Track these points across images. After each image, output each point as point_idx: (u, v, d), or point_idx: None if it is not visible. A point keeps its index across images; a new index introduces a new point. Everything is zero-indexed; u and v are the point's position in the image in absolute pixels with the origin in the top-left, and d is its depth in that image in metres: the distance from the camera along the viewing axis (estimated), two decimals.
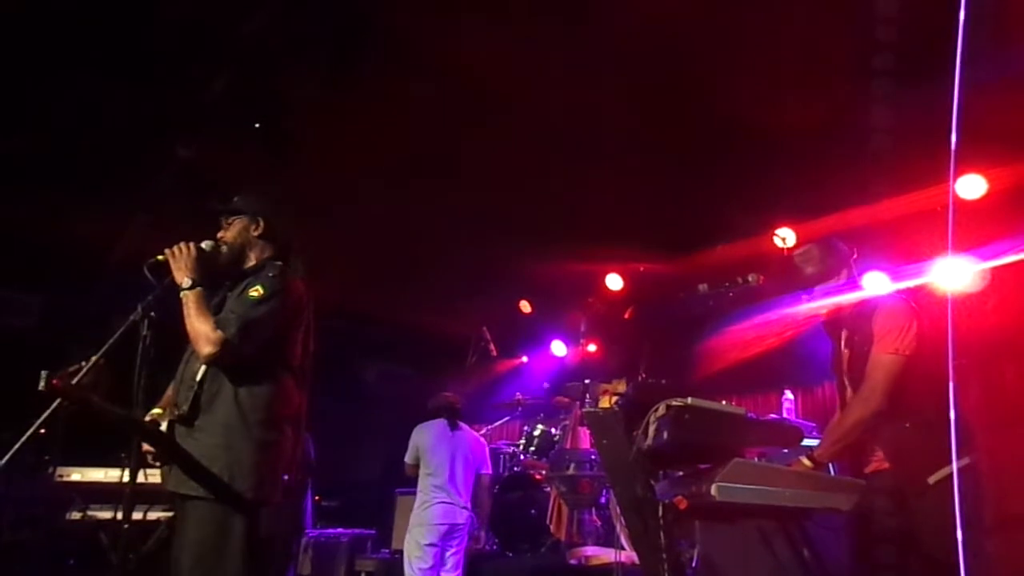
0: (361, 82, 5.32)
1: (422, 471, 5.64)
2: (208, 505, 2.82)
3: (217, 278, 3.10)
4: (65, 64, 5.13)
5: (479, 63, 4.98)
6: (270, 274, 3.03)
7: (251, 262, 3.15)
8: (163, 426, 3.00)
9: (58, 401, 2.88)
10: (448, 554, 5.57)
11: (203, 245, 3.07)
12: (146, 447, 3.01)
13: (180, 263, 2.95)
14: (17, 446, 2.99)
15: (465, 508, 5.65)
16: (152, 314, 2.85)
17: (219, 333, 2.85)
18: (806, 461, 2.81)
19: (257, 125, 5.65)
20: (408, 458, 5.68)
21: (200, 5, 4.85)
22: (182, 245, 2.99)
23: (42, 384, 2.75)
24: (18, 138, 5.68)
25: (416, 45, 5.13)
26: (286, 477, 3.11)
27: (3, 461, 3.01)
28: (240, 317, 2.89)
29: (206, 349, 2.86)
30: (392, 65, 5.24)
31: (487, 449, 6.07)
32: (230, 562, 2.80)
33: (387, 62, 5.23)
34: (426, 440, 5.73)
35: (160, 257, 3.02)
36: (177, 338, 3.02)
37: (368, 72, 5.26)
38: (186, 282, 2.93)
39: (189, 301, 2.91)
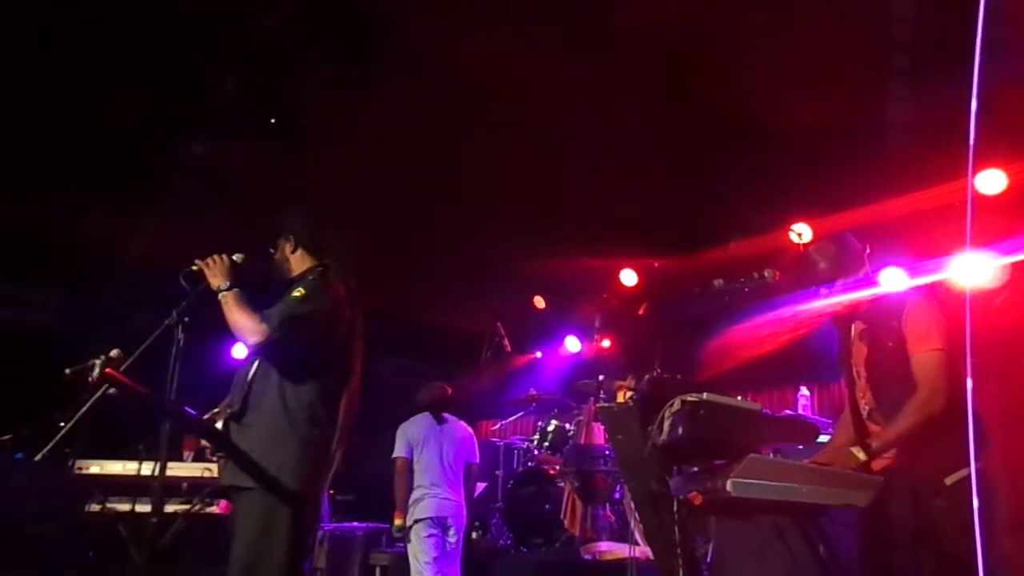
0: (373, 81, 5.34)
1: (415, 466, 5.63)
2: (258, 496, 3.03)
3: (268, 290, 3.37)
4: (82, 63, 5.17)
5: (491, 62, 4.99)
6: (310, 277, 3.29)
7: (293, 273, 3.40)
8: (219, 424, 3.23)
9: (105, 388, 3.05)
10: (447, 547, 5.57)
11: (235, 258, 3.27)
12: (204, 442, 3.19)
13: (215, 271, 3.18)
14: (67, 429, 3.10)
15: (458, 501, 5.65)
16: (186, 319, 3.06)
17: (263, 325, 3.07)
18: (860, 454, 2.79)
19: (272, 120, 5.68)
20: (401, 452, 5.64)
21: (213, 4, 4.88)
22: (216, 256, 3.21)
23: (96, 373, 3.01)
24: (36, 136, 5.74)
25: (426, 44, 5.14)
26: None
27: (47, 448, 3.16)
28: (282, 312, 3.12)
29: (252, 339, 3.09)
30: (404, 64, 5.26)
31: (475, 438, 6.07)
32: (277, 550, 2.99)
33: (399, 61, 5.25)
34: (414, 435, 5.69)
35: (195, 267, 3.23)
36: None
37: (379, 71, 5.28)
38: (223, 284, 3.16)
39: (228, 300, 3.14)
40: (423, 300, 7.42)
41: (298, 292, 3.18)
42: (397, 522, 5.57)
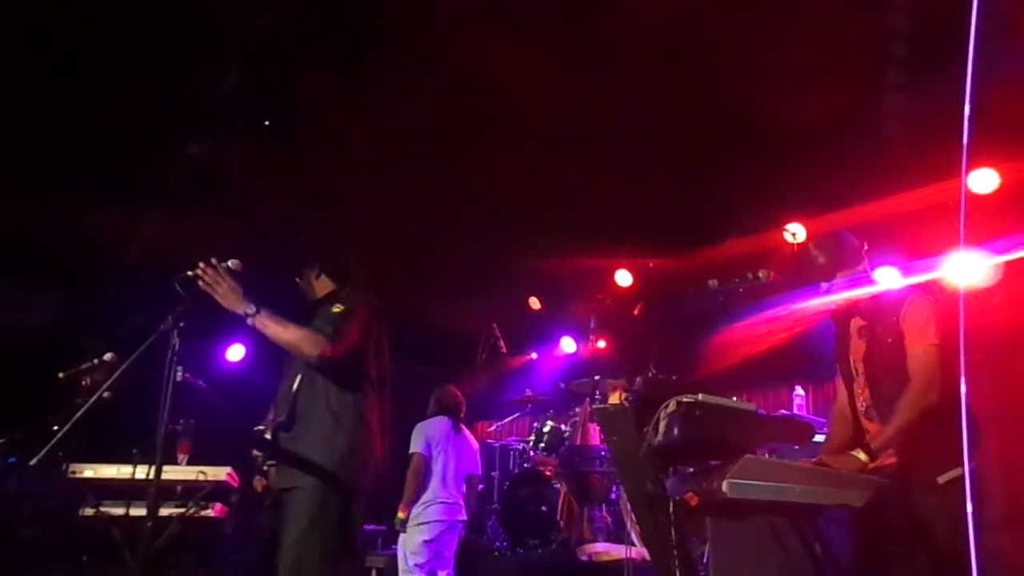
0: (369, 80, 5.33)
1: (432, 467, 5.65)
2: (311, 492, 3.25)
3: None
4: (79, 62, 5.16)
5: (488, 60, 4.99)
6: (344, 295, 3.52)
7: (318, 295, 3.63)
8: (268, 435, 3.43)
9: (99, 392, 3.24)
10: (443, 551, 5.59)
11: (229, 264, 3.30)
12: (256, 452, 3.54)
13: (227, 295, 3.24)
14: (61, 433, 3.12)
15: (462, 509, 5.68)
16: (181, 324, 3.10)
17: (321, 336, 3.27)
18: (862, 455, 2.79)
19: (267, 123, 5.67)
20: (420, 448, 5.67)
21: (212, 3, 4.87)
22: (214, 275, 3.22)
23: (179, 375, 3.15)
24: (31, 136, 5.72)
25: (422, 44, 5.13)
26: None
27: (41, 453, 3.17)
28: (331, 322, 3.34)
29: (314, 351, 3.27)
30: (400, 63, 5.25)
31: (479, 451, 6.14)
32: (329, 538, 3.25)
33: (396, 60, 5.24)
34: (434, 436, 5.73)
35: (190, 273, 3.25)
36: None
37: (376, 70, 5.27)
38: (249, 308, 3.25)
39: (264, 322, 3.28)
40: (418, 301, 7.41)
41: (337, 308, 3.40)
42: (401, 515, 5.59)
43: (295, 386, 3.41)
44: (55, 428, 3.41)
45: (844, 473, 2.73)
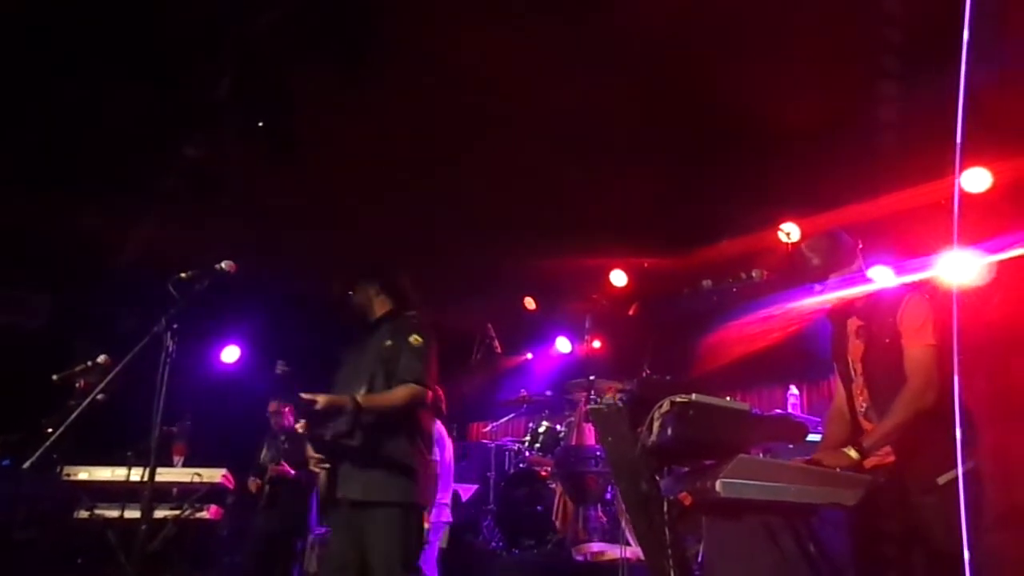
0: (365, 82, 5.32)
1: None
2: (393, 509, 3.41)
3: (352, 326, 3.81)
4: (72, 64, 5.14)
5: (484, 61, 4.99)
6: (415, 322, 3.67)
7: (375, 315, 3.76)
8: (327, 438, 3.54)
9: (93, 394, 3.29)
10: (429, 552, 5.56)
11: (223, 265, 3.41)
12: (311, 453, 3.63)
13: (330, 409, 3.40)
14: (55, 435, 3.13)
15: (448, 506, 5.67)
16: (175, 326, 3.18)
17: (417, 387, 3.48)
18: (852, 452, 2.79)
19: (261, 124, 5.67)
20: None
21: (209, 4, 4.87)
22: (308, 403, 3.37)
23: (280, 368, 3.25)
24: (25, 138, 5.70)
25: (420, 45, 5.13)
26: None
27: (35, 456, 3.18)
28: (419, 361, 3.54)
29: (424, 401, 3.51)
30: (398, 64, 5.25)
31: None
32: (411, 552, 3.47)
33: (393, 61, 5.24)
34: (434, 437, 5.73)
35: (183, 275, 3.31)
36: None
37: (373, 71, 5.27)
38: (352, 404, 3.39)
39: (371, 405, 3.43)
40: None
41: (416, 340, 3.57)
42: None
43: (363, 391, 3.50)
44: (49, 430, 3.41)
45: (837, 472, 2.73)
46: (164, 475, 5.27)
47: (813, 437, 3.71)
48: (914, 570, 2.71)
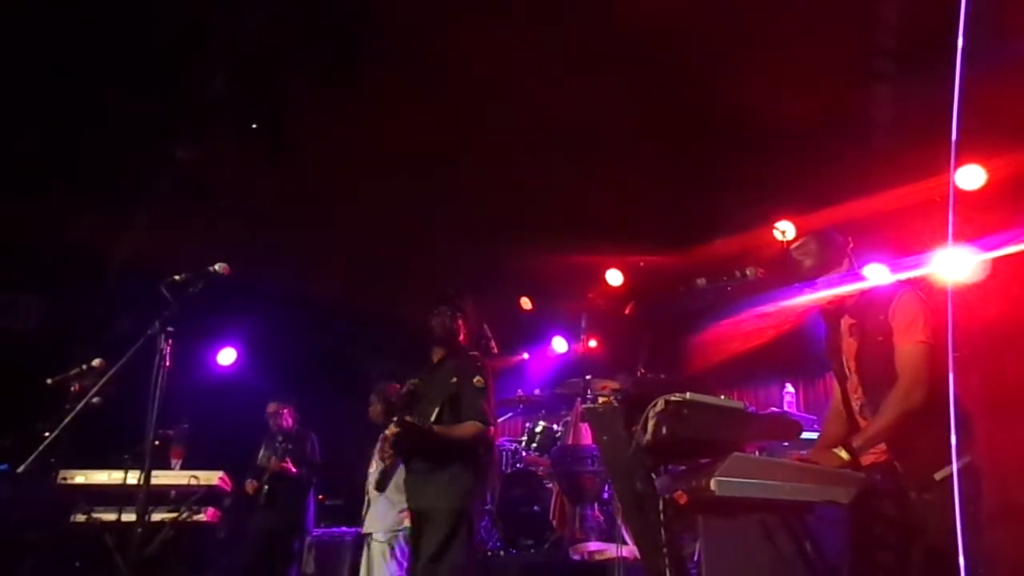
0: (360, 81, 5.32)
1: None
2: (446, 516, 3.91)
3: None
4: (66, 66, 5.14)
5: (478, 60, 4.99)
6: (478, 364, 4.18)
7: (450, 340, 4.27)
8: None
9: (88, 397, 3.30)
10: None
11: (217, 267, 3.41)
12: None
13: (406, 443, 4.02)
14: (51, 439, 3.15)
15: None
16: (169, 329, 3.18)
17: (482, 423, 4.00)
18: (843, 453, 2.79)
19: (255, 126, 5.66)
20: None
21: (199, 7, 4.86)
22: (393, 440, 4.00)
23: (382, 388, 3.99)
24: (20, 141, 5.69)
25: (415, 43, 5.13)
26: None
27: (31, 459, 3.16)
28: (484, 404, 4.05)
29: (488, 437, 4.09)
30: (391, 64, 5.25)
31: None
32: (462, 553, 3.91)
33: (386, 61, 5.24)
34: None
35: (177, 277, 3.32)
36: None
37: (367, 71, 5.27)
38: (427, 436, 3.94)
39: (445, 436, 3.96)
40: (409, 302, 7.40)
41: (479, 382, 4.07)
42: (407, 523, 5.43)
43: (433, 417, 3.98)
44: (45, 434, 3.40)
45: (831, 470, 2.73)
46: (161, 478, 5.27)
47: (808, 435, 3.72)
48: (912, 567, 2.71)
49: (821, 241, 3.20)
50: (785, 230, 5.79)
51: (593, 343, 7.50)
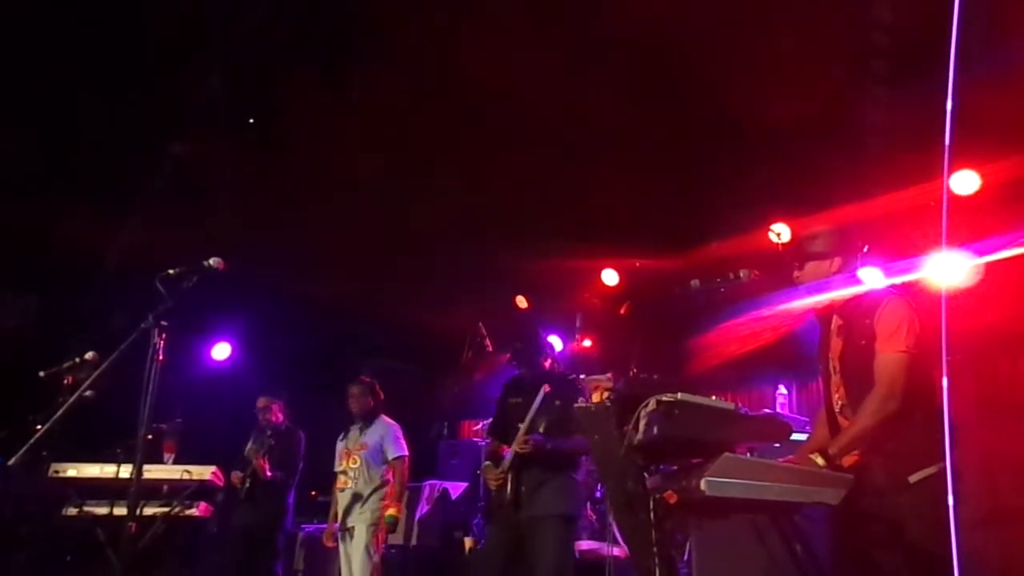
0: (357, 81, 5.33)
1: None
2: (559, 524, 4.27)
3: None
4: (59, 65, 5.13)
5: (475, 61, 5.00)
6: (579, 387, 4.60)
7: (543, 376, 4.71)
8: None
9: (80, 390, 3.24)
10: None
11: (211, 262, 3.39)
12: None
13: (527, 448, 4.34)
14: (43, 432, 3.13)
15: None
16: (163, 323, 3.16)
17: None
18: (819, 459, 2.80)
19: (251, 121, 5.66)
20: (406, 451, 5.66)
21: (194, 6, 4.86)
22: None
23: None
24: (13, 139, 5.68)
25: (412, 44, 5.14)
26: None
27: (22, 452, 3.15)
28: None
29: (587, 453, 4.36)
30: (388, 63, 5.25)
31: None
32: (571, 559, 4.42)
33: (383, 61, 5.24)
34: None
35: (171, 271, 3.29)
36: None
37: (364, 70, 5.27)
38: (543, 443, 4.33)
39: (556, 447, 4.34)
40: (404, 301, 7.41)
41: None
42: (395, 512, 5.43)
43: (542, 429, 4.37)
44: (37, 427, 3.40)
45: (820, 471, 2.74)
46: (154, 472, 5.26)
47: (798, 436, 3.73)
48: (891, 568, 2.73)
49: (831, 233, 3.17)
50: (780, 233, 5.81)
51: (588, 343, 7.51)
